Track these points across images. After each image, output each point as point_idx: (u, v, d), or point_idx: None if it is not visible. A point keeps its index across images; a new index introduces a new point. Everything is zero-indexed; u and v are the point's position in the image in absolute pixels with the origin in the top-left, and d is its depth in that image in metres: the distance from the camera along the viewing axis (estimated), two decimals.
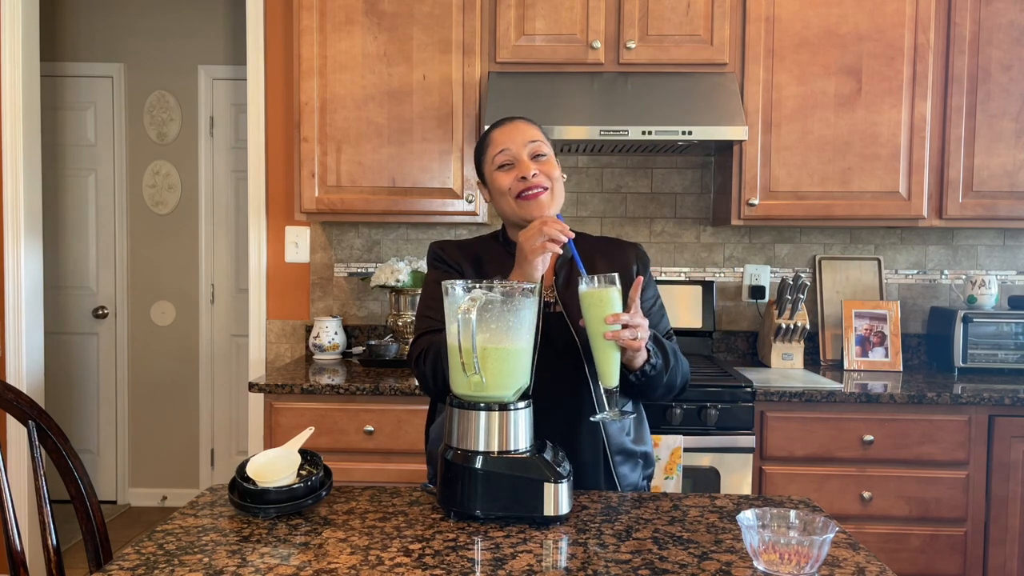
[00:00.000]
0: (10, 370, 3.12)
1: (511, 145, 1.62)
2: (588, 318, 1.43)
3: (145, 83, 4.14)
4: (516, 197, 1.60)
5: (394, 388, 2.49)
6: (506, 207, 1.64)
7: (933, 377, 2.79)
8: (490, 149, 1.65)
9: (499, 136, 1.65)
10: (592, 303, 1.42)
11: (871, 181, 2.73)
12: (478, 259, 1.69)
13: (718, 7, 2.71)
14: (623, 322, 1.40)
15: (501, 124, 1.67)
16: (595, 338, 1.43)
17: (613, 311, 1.40)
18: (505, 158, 1.62)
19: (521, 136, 1.62)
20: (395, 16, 2.75)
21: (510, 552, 1.17)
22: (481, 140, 1.69)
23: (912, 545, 2.48)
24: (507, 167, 1.62)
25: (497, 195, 1.65)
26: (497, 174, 1.63)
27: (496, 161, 1.63)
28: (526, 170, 1.59)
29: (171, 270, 4.18)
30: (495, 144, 1.64)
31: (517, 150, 1.62)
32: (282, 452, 1.42)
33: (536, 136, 1.64)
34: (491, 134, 1.67)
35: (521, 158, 1.61)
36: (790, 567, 1.08)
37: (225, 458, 4.18)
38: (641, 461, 1.69)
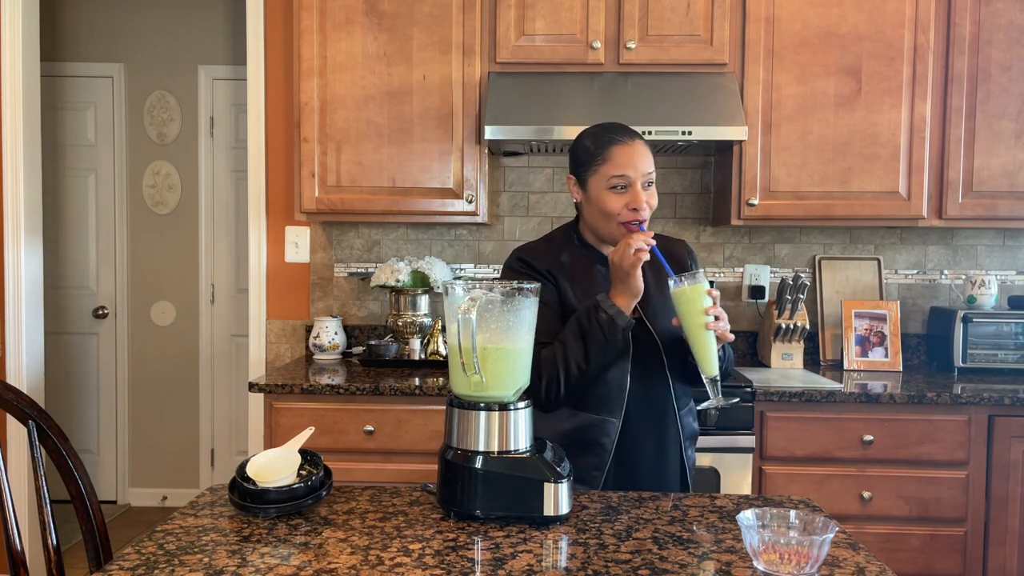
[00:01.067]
0: (10, 370, 3.12)
1: (631, 173, 1.61)
2: (684, 313, 1.51)
3: (145, 83, 4.14)
4: (622, 223, 1.62)
5: (394, 388, 2.49)
6: (603, 224, 1.65)
7: (933, 377, 2.79)
8: (606, 166, 1.62)
9: (621, 157, 1.62)
10: (689, 299, 1.50)
11: (871, 181, 2.73)
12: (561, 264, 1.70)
13: (718, 7, 2.71)
14: (718, 313, 1.50)
15: (622, 141, 1.64)
16: (696, 331, 1.51)
17: (706, 303, 1.49)
18: (622, 181, 1.61)
19: (642, 165, 1.62)
20: (395, 16, 2.75)
21: (510, 552, 1.17)
22: (595, 144, 1.65)
23: (912, 545, 2.48)
24: (620, 189, 1.61)
25: (599, 211, 1.64)
26: (608, 194, 1.62)
27: (611, 182, 1.61)
28: (639, 203, 1.60)
29: (171, 270, 4.18)
30: (615, 164, 1.62)
31: (635, 179, 1.61)
32: (282, 452, 1.42)
33: (651, 166, 1.63)
34: (612, 149, 1.63)
35: (636, 188, 1.61)
36: (790, 567, 1.08)
37: (225, 458, 4.18)
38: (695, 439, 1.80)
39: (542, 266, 1.69)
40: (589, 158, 1.66)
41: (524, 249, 1.74)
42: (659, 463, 1.69)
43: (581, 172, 1.68)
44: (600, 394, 1.65)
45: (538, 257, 1.70)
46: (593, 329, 1.55)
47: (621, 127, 1.69)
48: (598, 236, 1.71)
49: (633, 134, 1.66)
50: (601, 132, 1.68)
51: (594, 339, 1.55)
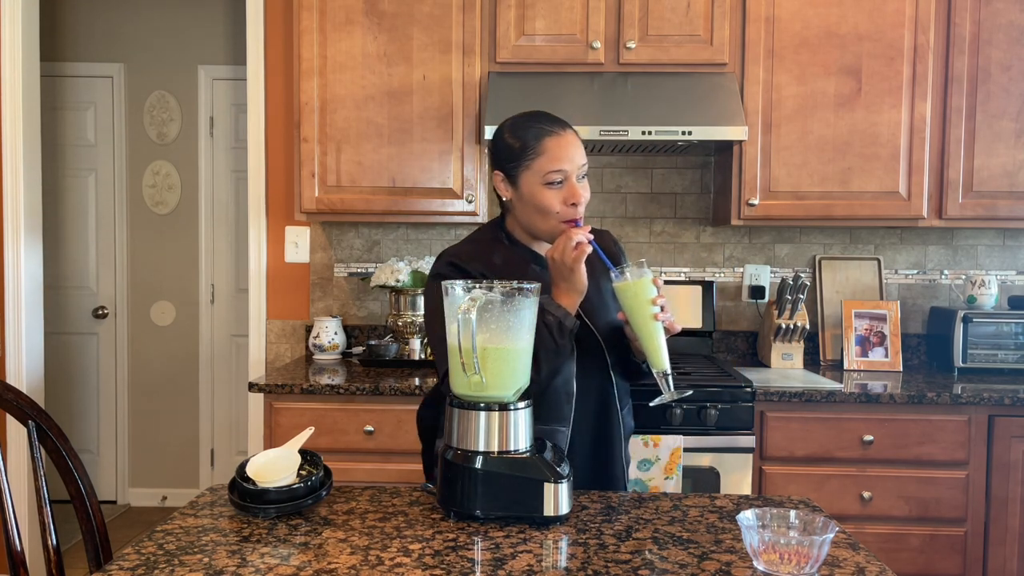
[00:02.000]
0: (10, 370, 3.12)
1: (567, 167, 1.53)
2: (631, 307, 1.45)
3: (145, 83, 4.14)
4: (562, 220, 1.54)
5: (394, 388, 2.49)
6: (539, 222, 1.56)
7: (933, 377, 2.79)
8: (540, 159, 1.53)
9: (556, 150, 1.53)
10: (635, 292, 1.44)
11: (871, 181, 2.73)
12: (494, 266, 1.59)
13: (718, 7, 2.71)
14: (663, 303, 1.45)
15: (555, 132, 1.54)
16: (644, 325, 1.45)
17: (652, 294, 1.44)
18: (558, 176, 1.52)
19: (577, 156, 1.54)
20: (395, 16, 2.75)
21: (510, 552, 1.17)
22: (526, 136, 1.55)
23: (912, 545, 2.48)
24: (556, 185, 1.53)
25: (534, 207, 1.55)
26: (544, 189, 1.53)
27: (547, 177, 1.52)
28: (577, 198, 1.53)
29: (171, 270, 4.18)
30: (550, 157, 1.52)
31: (571, 172, 1.53)
32: (282, 452, 1.42)
33: (585, 157, 1.56)
34: (545, 141, 1.53)
35: (573, 183, 1.53)
36: (790, 567, 1.08)
37: (225, 458, 4.18)
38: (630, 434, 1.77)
39: (475, 269, 1.56)
40: (520, 152, 1.54)
41: (452, 253, 1.61)
42: (606, 465, 1.63)
43: (511, 168, 1.56)
44: (548, 403, 1.55)
45: (469, 260, 1.58)
46: (541, 335, 1.41)
47: (549, 116, 1.58)
48: (533, 234, 1.60)
49: (564, 123, 1.57)
50: (530, 123, 1.56)
51: (543, 344, 1.43)
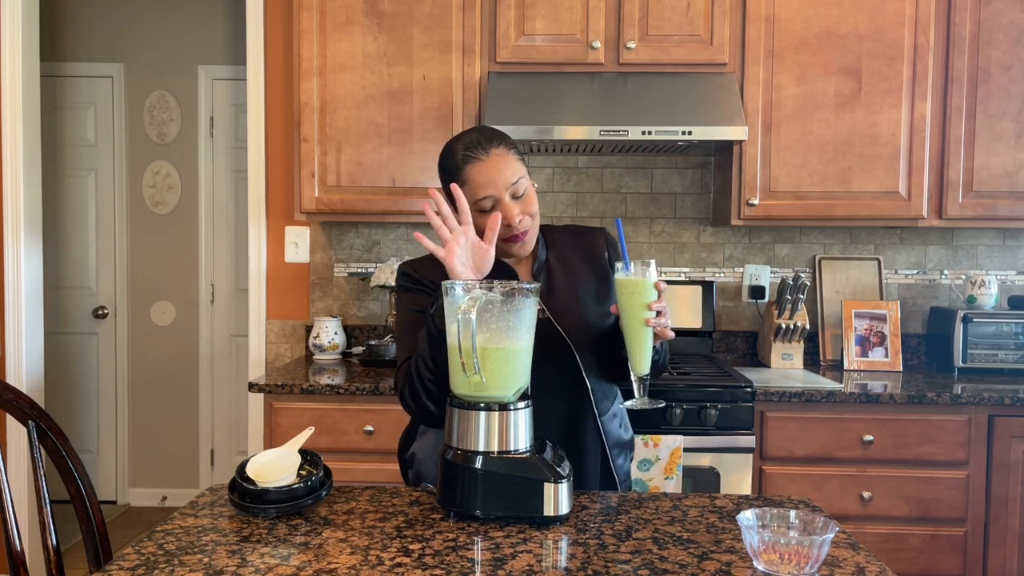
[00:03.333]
0: (10, 370, 3.12)
1: (492, 192, 1.51)
2: (626, 305, 1.42)
3: (145, 83, 4.14)
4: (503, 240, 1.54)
5: (394, 388, 2.49)
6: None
7: (933, 377, 2.79)
8: (467, 188, 1.51)
9: (479, 177, 1.51)
10: (633, 290, 1.41)
11: (871, 181, 2.73)
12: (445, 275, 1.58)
13: (718, 7, 2.71)
14: (660, 309, 1.41)
15: (475, 159, 1.51)
16: (635, 326, 1.42)
17: (651, 298, 1.41)
18: (488, 204, 1.52)
19: (502, 177, 1.51)
20: (395, 16, 2.75)
21: (510, 552, 1.17)
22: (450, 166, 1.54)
23: (912, 545, 2.48)
24: (489, 211, 1.52)
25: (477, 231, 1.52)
26: (479, 216, 1.52)
27: (478, 205, 1.52)
28: (511, 218, 1.51)
29: (171, 270, 4.18)
30: (474, 186, 1.51)
31: (499, 195, 1.51)
32: (282, 452, 1.42)
33: (515, 172, 1.52)
34: (467, 170, 1.52)
35: (504, 202, 1.51)
36: (790, 567, 1.08)
37: (225, 458, 4.18)
38: (628, 448, 1.72)
39: (425, 277, 1.58)
40: (451, 176, 1.55)
41: (408, 262, 1.65)
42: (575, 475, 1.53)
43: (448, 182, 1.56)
44: None
45: (421, 269, 1.60)
46: (427, 322, 1.44)
47: (476, 137, 1.54)
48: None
49: (488, 143, 1.52)
50: (456, 147, 1.55)
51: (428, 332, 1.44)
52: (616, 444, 1.66)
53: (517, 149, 1.57)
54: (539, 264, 1.65)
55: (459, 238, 1.45)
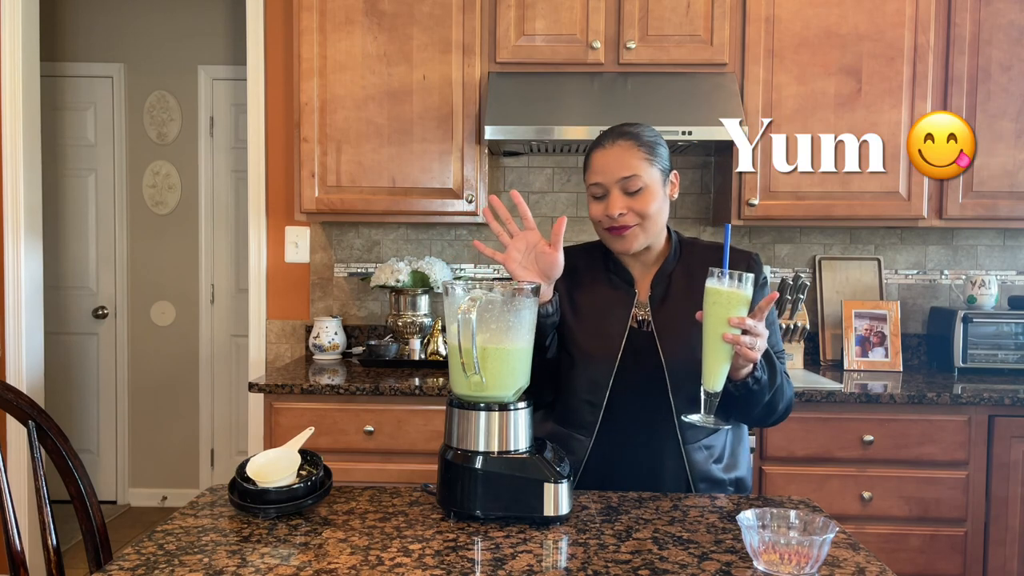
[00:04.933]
0: (10, 370, 3.12)
1: (602, 180, 1.53)
2: (709, 315, 1.35)
3: (145, 83, 4.13)
4: (604, 229, 1.56)
5: (394, 388, 2.49)
6: (597, 231, 1.60)
7: (933, 377, 2.79)
8: (587, 172, 1.57)
9: (597, 165, 1.55)
10: (718, 300, 1.33)
11: (871, 181, 2.73)
12: (574, 269, 1.61)
13: (718, 7, 2.71)
14: (746, 327, 1.32)
15: (600, 145, 1.56)
16: (711, 337, 1.35)
17: (739, 313, 1.33)
18: (598, 190, 1.54)
19: (615, 171, 1.52)
20: (395, 16, 2.75)
21: (510, 552, 1.17)
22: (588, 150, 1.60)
23: (912, 545, 2.48)
24: (599, 198, 1.55)
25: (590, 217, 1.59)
26: (591, 202, 1.57)
27: (591, 191, 1.56)
28: (612, 209, 1.51)
29: (171, 270, 4.18)
30: (592, 172, 1.56)
31: (609, 185, 1.53)
32: (282, 452, 1.42)
33: (632, 169, 1.51)
34: (591, 155, 1.57)
35: (613, 194, 1.52)
36: (790, 567, 1.08)
37: (225, 458, 4.18)
38: (732, 488, 1.60)
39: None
40: (585, 159, 1.61)
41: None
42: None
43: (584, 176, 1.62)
44: (570, 406, 1.57)
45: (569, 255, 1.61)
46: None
47: (617, 127, 1.58)
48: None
49: (616, 135, 1.56)
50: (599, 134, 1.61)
51: None
52: (704, 479, 1.55)
53: (651, 148, 1.54)
54: (663, 274, 1.60)
55: (518, 243, 1.47)
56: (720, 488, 1.58)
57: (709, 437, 1.57)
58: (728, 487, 1.59)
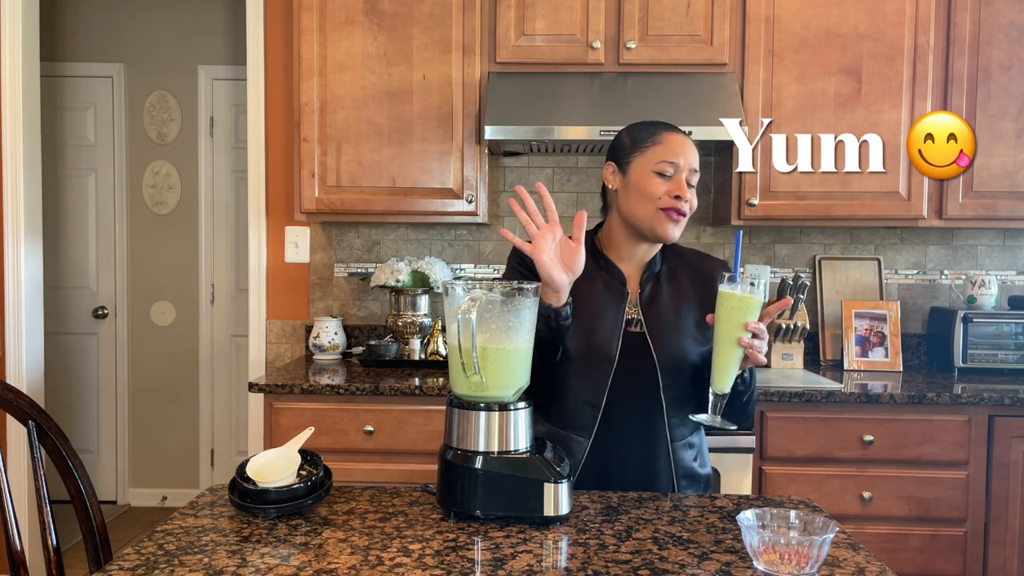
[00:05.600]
0: (10, 370, 3.12)
1: (681, 161, 1.54)
2: (723, 318, 1.37)
3: (145, 83, 4.14)
4: (661, 208, 1.54)
5: (394, 388, 2.49)
6: (640, 209, 1.56)
7: (933, 377, 2.79)
8: (656, 148, 1.55)
9: (673, 144, 1.55)
10: (735, 305, 1.35)
11: (871, 181, 2.73)
12: None
13: (718, 7, 2.71)
14: (756, 331, 1.35)
15: (676, 130, 1.58)
16: (724, 340, 1.37)
17: (753, 318, 1.35)
18: (670, 169, 1.54)
19: (691, 159, 1.55)
20: (395, 16, 2.75)
21: (510, 552, 1.17)
22: (644, 131, 1.59)
23: (912, 545, 2.48)
24: (666, 177, 1.54)
25: (638, 195, 1.55)
26: (652, 176, 1.54)
27: (659, 166, 1.54)
28: (683, 190, 1.52)
29: (171, 270, 4.18)
30: (666, 149, 1.55)
31: (683, 167, 1.54)
32: (282, 452, 1.42)
33: (698, 165, 1.57)
34: (663, 134, 1.57)
35: (681, 177, 1.54)
36: (790, 567, 1.08)
37: (225, 458, 4.18)
38: (703, 484, 1.64)
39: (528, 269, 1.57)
40: (638, 141, 1.58)
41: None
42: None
43: (624, 156, 1.59)
44: (566, 407, 1.58)
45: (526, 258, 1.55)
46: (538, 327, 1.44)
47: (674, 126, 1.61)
48: (633, 223, 1.58)
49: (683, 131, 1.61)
50: (652, 123, 1.61)
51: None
52: (686, 475, 1.60)
53: None
54: (650, 274, 1.62)
55: (546, 234, 1.46)
56: (698, 484, 1.62)
57: (693, 435, 1.62)
58: (702, 482, 1.64)
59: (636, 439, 1.57)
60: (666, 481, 1.58)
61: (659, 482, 1.58)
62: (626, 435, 1.57)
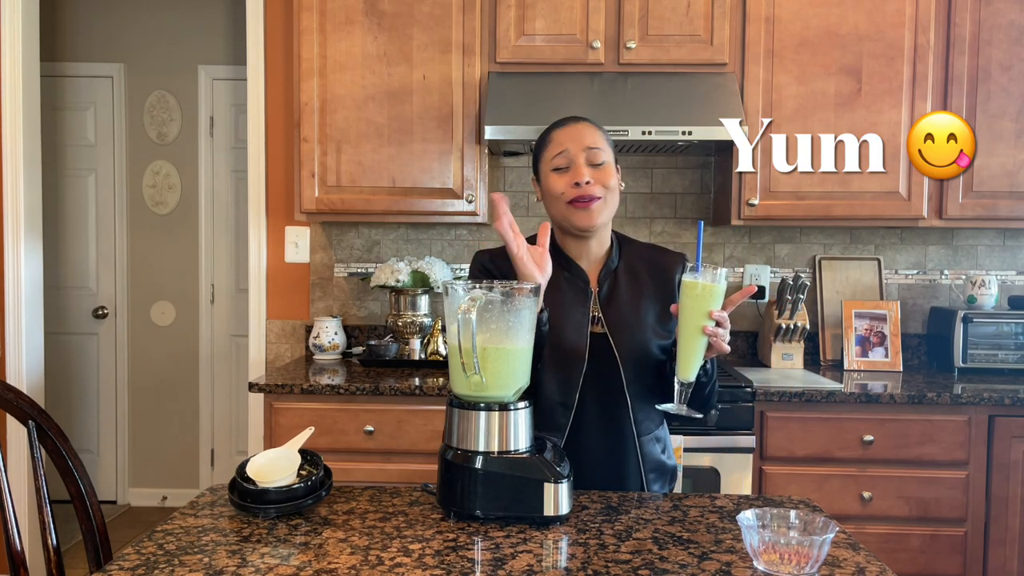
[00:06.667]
0: (10, 370, 3.12)
1: (570, 146, 1.56)
2: (686, 307, 1.38)
3: (145, 83, 4.13)
4: (568, 203, 1.56)
5: (394, 388, 2.49)
6: (556, 211, 1.59)
7: (933, 377, 2.79)
8: (548, 148, 1.59)
9: (559, 136, 1.58)
10: (698, 294, 1.37)
11: (871, 181, 2.73)
12: None
13: (718, 7, 2.71)
14: (720, 319, 1.37)
15: (563, 124, 1.61)
16: (689, 330, 1.38)
17: (716, 306, 1.37)
18: (563, 160, 1.56)
19: (581, 140, 1.56)
20: (395, 16, 2.75)
21: (510, 552, 1.17)
22: (541, 138, 1.63)
23: (912, 545, 2.48)
24: (563, 170, 1.56)
25: (549, 197, 1.59)
26: (552, 176, 1.58)
27: (553, 162, 1.57)
28: (580, 176, 1.53)
29: (171, 270, 4.18)
30: (554, 143, 1.58)
31: (575, 153, 1.55)
32: (282, 452, 1.42)
33: (596, 142, 1.57)
34: (551, 133, 1.60)
35: (578, 162, 1.55)
36: (790, 567, 1.08)
37: (225, 458, 4.17)
38: (669, 475, 1.66)
39: (497, 269, 1.60)
40: (538, 149, 1.63)
41: (485, 251, 1.67)
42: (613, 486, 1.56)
43: (535, 167, 1.65)
44: (542, 409, 1.54)
45: (495, 258, 1.62)
46: None
47: (570, 116, 1.62)
48: (558, 226, 1.62)
49: (578, 119, 1.61)
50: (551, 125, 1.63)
51: None
52: (654, 469, 1.61)
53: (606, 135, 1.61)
54: (607, 271, 1.63)
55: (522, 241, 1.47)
56: (665, 475, 1.64)
57: (659, 428, 1.64)
58: (668, 473, 1.65)
59: (605, 436, 1.58)
60: (635, 475, 1.60)
61: (628, 476, 1.59)
62: (595, 433, 1.58)
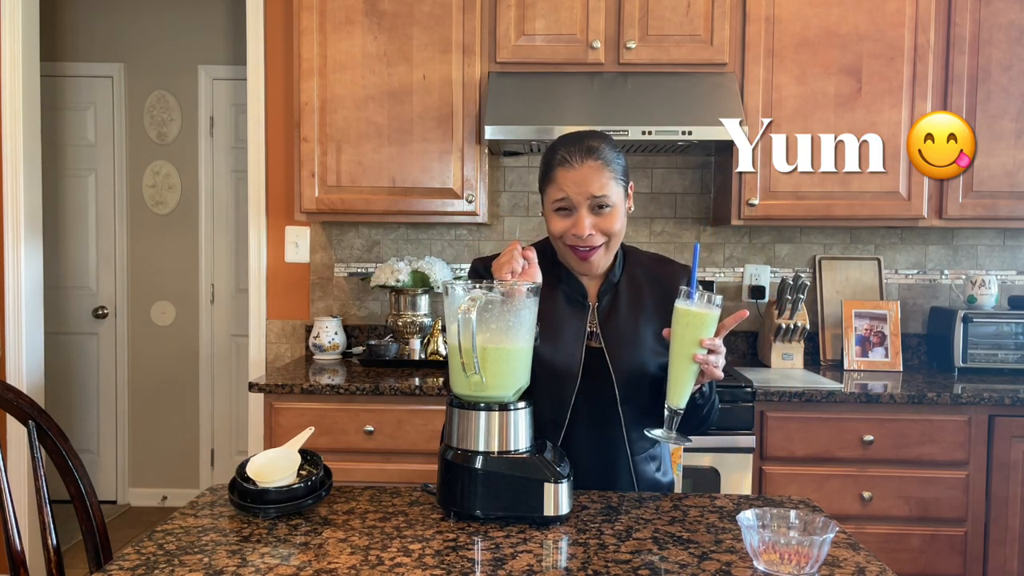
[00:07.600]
0: (10, 370, 3.12)
1: (571, 195, 1.49)
2: (678, 335, 1.35)
3: (145, 83, 4.13)
4: (568, 245, 1.52)
5: (394, 388, 2.49)
6: (555, 242, 1.56)
7: (933, 377, 2.79)
8: (551, 188, 1.52)
9: (564, 179, 1.49)
10: (690, 321, 1.33)
11: (871, 181, 2.73)
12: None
13: (718, 7, 2.71)
14: (712, 346, 1.33)
15: (569, 164, 1.49)
16: (680, 357, 1.35)
17: (709, 334, 1.33)
18: (564, 205, 1.50)
19: (585, 188, 1.48)
20: (395, 16, 2.75)
21: (510, 552, 1.17)
22: (546, 163, 1.55)
23: (912, 545, 2.48)
24: (565, 212, 1.51)
25: (549, 229, 1.54)
26: (553, 216, 1.53)
27: (555, 204, 1.51)
28: (580, 229, 1.48)
29: (171, 270, 4.18)
30: (557, 187, 1.50)
31: (578, 202, 1.49)
32: (282, 452, 1.42)
33: (602, 189, 1.48)
34: (556, 171, 1.51)
35: (580, 213, 1.49)
36: (790, 567, 1.08)
37: (225, 458, 4.17)
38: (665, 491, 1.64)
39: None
40: (543, 175, 1.56)
41: (481, 259, 1.63)
42: None
43: (540, 186, 1.59)
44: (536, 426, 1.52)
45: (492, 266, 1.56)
46: None
47: (580, 143, 1.51)
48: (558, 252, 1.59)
49: (584, 154, 1.49)
50: (557, 147, 1.54)
51: None
52: (649, 487, 1.59)
53: (617, 166, 1.52)
54: (608, 284, 1.59)
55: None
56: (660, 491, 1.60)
57: (654, 448, 1.60)
58: (664, 490, 1.61)
59: (597, 455, 1.55)
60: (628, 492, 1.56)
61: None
62: (587, 452, 1.54)
